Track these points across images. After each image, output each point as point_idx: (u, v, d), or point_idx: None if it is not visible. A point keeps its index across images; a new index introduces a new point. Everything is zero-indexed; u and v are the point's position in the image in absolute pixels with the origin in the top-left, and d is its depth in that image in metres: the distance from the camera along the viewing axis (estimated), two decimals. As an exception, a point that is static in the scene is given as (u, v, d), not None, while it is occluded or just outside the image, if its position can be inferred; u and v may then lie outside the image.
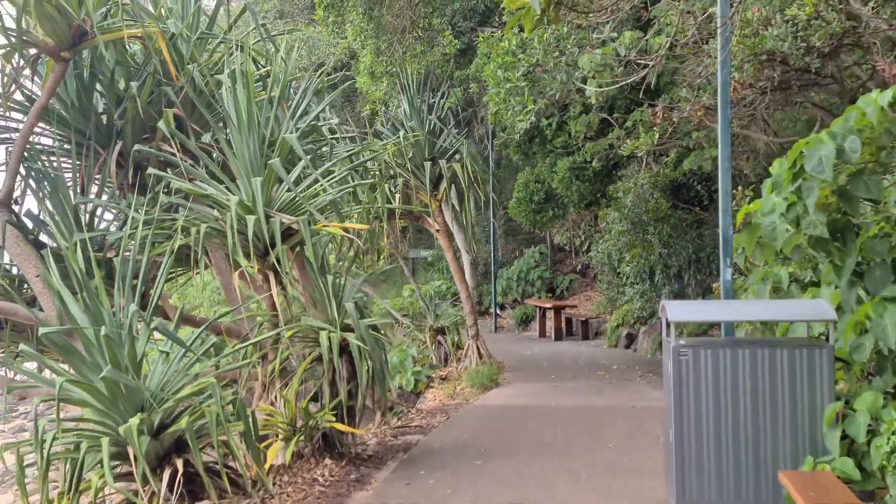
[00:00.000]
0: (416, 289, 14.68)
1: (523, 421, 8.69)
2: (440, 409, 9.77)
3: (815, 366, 4.93)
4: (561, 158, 11.64)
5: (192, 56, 7.69)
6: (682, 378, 5.03)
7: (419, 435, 8.17)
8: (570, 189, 11.74)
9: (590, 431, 8.05)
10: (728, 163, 5.80)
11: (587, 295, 20.80)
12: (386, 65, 13.27)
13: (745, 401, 4.95)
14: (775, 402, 4.94)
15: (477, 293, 21.96)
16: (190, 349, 5.54)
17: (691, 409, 5.00)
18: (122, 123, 7.42)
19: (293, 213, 6.69)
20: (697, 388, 5.00)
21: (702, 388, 4.99)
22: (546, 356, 14.32)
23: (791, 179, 4.92)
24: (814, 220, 4.79)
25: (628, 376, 11.81)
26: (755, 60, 7.09)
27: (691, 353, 5.00)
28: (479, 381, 11.09)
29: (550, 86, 8.54)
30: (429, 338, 13.12)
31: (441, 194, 12.29)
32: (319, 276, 6.61)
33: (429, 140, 12.20)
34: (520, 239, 23.17)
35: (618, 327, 15.78)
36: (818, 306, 5.06)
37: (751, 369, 4.95)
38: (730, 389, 4.96)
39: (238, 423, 5.43)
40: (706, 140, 9.22)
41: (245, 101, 6.61)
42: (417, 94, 12.44)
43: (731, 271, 5.81)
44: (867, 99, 4.90)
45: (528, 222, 13.16)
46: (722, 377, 4.98)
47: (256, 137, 6.67)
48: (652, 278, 14.73)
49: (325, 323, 6.62)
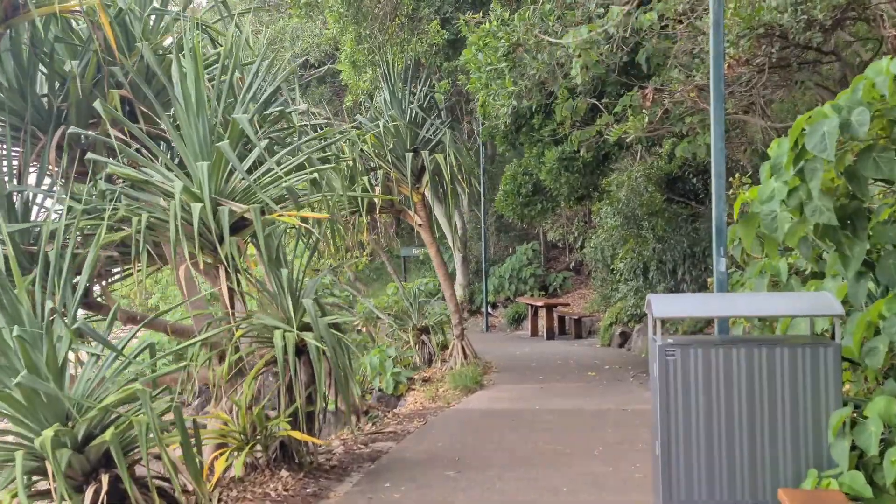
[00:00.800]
0: (400, 286, 14.09)
1: (505, 426, 8.12)
2: (418, 414, 9.19)
3: (820, 366, 4.35)
4: (549, 148, 11.06)
5: (145, 34, 7.12)
6: (670, 381, 4.46)
7: (391, 442, 7.59)
8: (558, 181, 11.15)
9: (575, 438, 7.48)
10: (722, 142, 5.23)
11: (581, 293, 20.23)
12: (368, 53, 12.68)
13: (740, 407, 4.38)
14: (774, 409, 4.37)
15: (469, 291, 21.39)
16: (119, 352, 4.95)
17: (679, 416, 4.42)
18: (65, 106, 6.84)
19: (248, 203, 6.12)
20: (687, 394, 4.43)
21: (692, 393, 4.42)
22: (535, 356, 13.75)
23: (792, 161, 4.35)
24: (819, 205, 4.21)
25: (620, 377, 11.24)
26: (752, 35, 6.51)
27: (679, 352, 4.42)
28: (463, 383, 10.52)
29: (531, 65, 7.96)
30: (412, 337, 12.55)
31: (423, 187, 11.71)
32: (274, 271, 6.03)
33: (411, 130, 11.62)
34: (512, 236, 22.59)
35: (611, 325, 15.21)
36: (822, 300, 4.48)
37: (747, 371, 4.38)
38: (723, 394, 4.39)
39: (174, 434, 4.85)
40: (700, 125, 8.64)
41: (193, 79, 6.03)
42: (399, 82, 11.86)
43: (724, 262, 5.23)
44: (877, 67, 4.32)
45: (515, 216, 12.58)
46: (714, 380, 4.41)
47: (206, 120, 6.10)
48: (646, 274, 14.16)
49: (280, 321, 6.04)
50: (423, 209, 11.86)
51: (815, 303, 4.50)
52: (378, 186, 11.51)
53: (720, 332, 5.33)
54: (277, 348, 5.65)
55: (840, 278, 5.07)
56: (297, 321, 6.08)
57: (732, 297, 5.02)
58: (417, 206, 11.80)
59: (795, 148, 4.21)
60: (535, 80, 8.29)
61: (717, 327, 5.35)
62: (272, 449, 6.09)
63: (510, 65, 8.31)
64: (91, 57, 6.65)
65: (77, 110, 6.81)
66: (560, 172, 11.06)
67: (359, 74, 13.22)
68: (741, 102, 8.54)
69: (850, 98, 4.28)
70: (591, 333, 16.94)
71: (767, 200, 4.36)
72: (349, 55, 13.08)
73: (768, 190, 4.37)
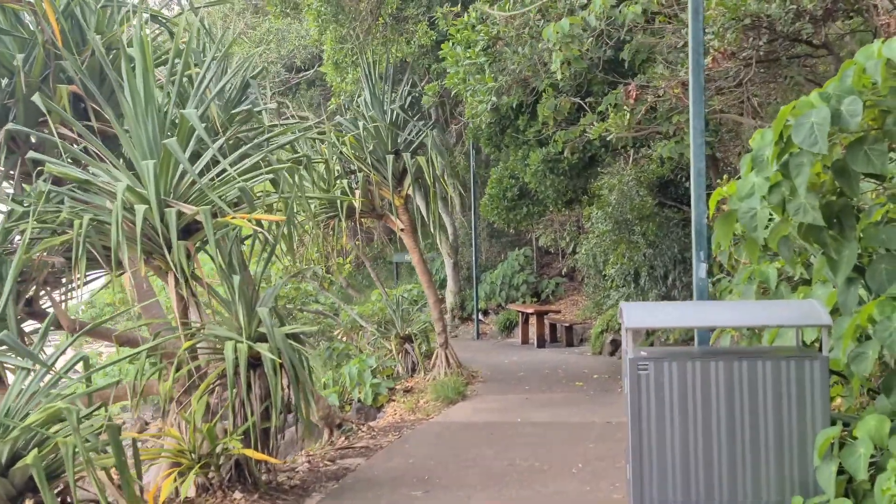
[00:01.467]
0: (383, 293, 13.69)
1: (483, 441, 7.72)
2: (395, 427, 8.79)
3: (806, 381, 3.97)
4: (534, 150, 10.67)
5: (99, 26, 6.76)
6: (643, 398, 4.07)
7: (361, 458, 7.19)
8: (543, 184, 10.76)
9: (555, 454, 7.08)
10: (701, 138, 4.85)
11: (574, 299, 19.83)
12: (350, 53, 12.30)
13: (719, 427, 3.99)
14: (756, 428, 3.98)
15: (460, 298, 20.99)
16: (48, 366, 4.57)
17: (653, 437, 4.03)
18: (12, 103, 6.47)
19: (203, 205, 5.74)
20: (661, 411, 4.04)
21: (666, 410, 4.03)
22: (524, 365, 13.35)
23: (776, 155, 3.96)
24: (804, 203, 3.83)
25: (608, 387, 10.85)
26: (737, 26, 6.14)
27: (653, 366, 4.04)
28: (444, 393, 10.12)
29: (512, 59, 7.58)
30: (395, 346, 12.14)
31: (405, 190, 11.33)
32: (227, 277, 5.64)
33: (392, 132, 11.24)
34: (504, 241, 22.20)
35: (602, 333, 14.82)
36: (809, 308, 4.10)
37: (726, 387, 3.99)
38: (700, 412, 4.00)
39: (107, 456, 4.47)
40: (688, 125, 8.25)
41: (141, 72, 5.66)
42: (381, 82, 11.49)
43: (704, 268, 4.85)
44: (868, 51, 3.95)
45: (500, 220, 12.19)
46: (691, 396, 4.02)
47: (156, 116, 5.72)
48: (637, 281, 13.78)
49: (234, 332, 5.65)
50: (405, 213, 11.48)
51: (800, 312, 4.11)
52: (358, 190, 11.11)
53: (700, 343, 4.94)
54: (228, 361, 5.26)
55: (829, 284, 4.70)
56: (252, 332, 5.69)
57: (712, 305, 4.63)
58: (399, 211, 11.42)
59: (780, 141, 3.82)
60: (515, 76, 7.91)
61: (696, 338, 4.96)
62: (226, 468, 5.69)
63: (490, 59, 7.95)
64: (38, 51, 6.28)
65: (25, 107, 6.44)
66: (545, 175, 10.68)
67: (341, 75, 12.85)
68: (731, 101, 8.17)
69: (839, 86, 3.90)
70: (582, 341, 16.54)
71: (747, 196, 3.97)
72: (330, 55, 12.70)
73: (748, 185, 3.98)
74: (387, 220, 11.81)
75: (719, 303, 4.91)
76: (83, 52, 6.59)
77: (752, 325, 4.46)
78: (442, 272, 21.81)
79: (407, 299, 14.20)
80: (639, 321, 4.08)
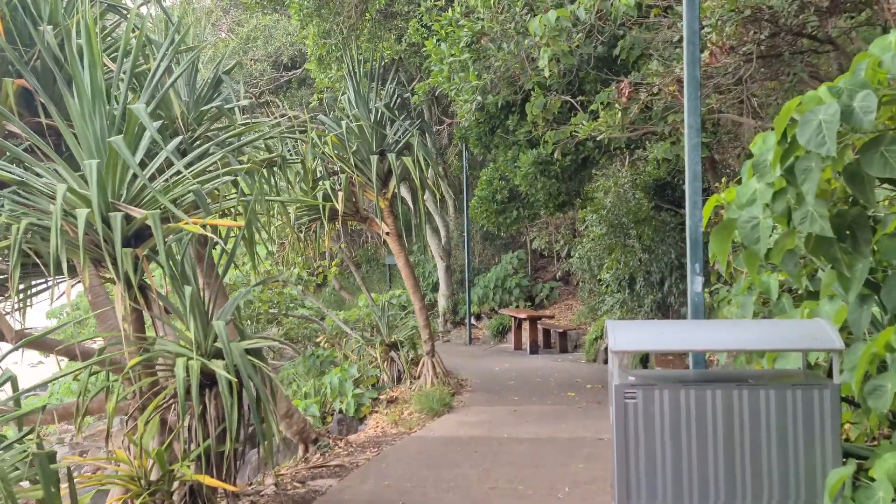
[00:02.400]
0: (369, 298, 13.23)
1: (465, 459, 7.26)
2: (374, 442, 8.33)
3: (814, 412, 3.52)
4: (524, 151, 10.22)
5: (53, 16, 6.29)
6: (630, 429, 3.62)
7: (333, 479, 6.73)
8: (534, 186, 10.31)
9: (542, 475, 6.62)
10: (697, 137, 4.40)
11: (568, 304, 19.40)
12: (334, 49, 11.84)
13: (716, 463, 3.54)
14: (758, 465, 3.53)
15: (452, 302, 20.54)
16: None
17: (642, 473, 3.58)
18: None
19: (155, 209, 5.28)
20: (651, 445, 3.59)
21: (657, 444, 3.57)
22: (515, 373, 12.89)
23: (780, 158, 3.51)
24: (812, 212, 3.36)
25: (602, 398, 10.38)
26: (737, 18, 5.69)
27: (641, 394, 3.58)
28: (429, 405, 9.66)
29: (496, 56, 7.13)
30: (380, 354, 11.68)
31: (390, 192, 10.87)
32: (178, 288, 5.17)
33: (376, 131, 10.78)
34: (498, 244, 21.76)
35: (596, 340, 14.37)
36: (817, 329, 3.64)
37: (724, 418, 3.54)
38: (695, 446, 3.55)
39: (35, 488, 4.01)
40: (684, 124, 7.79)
41: (89, 64, 5.20)
42: (366, 79, 11.03)
43: (701, 281, 4.39)
44: (883, 43, 3.49)
45: (490, 224, 11.73)
46: (685, 429, 3.56)
47: (104, 112, 5.26)
48: (632, 286, 13.33)
49: (185, 347, 5.18)
50: (390, 216, 11.02)
51: (807, 333, 3.65)
52: (341, 192, 10.65)
53: (695, 366, 4.48)
54: (178, 380, 4.80)
55: (839, 300, 4.25)
56: (208, 347, 5.23)
57: (708, 326, 4.17)
58: (385, 213, 10.96)
59: (784, 142, 3.37)
60: (501, 73, 7.46)
61: (691, 360, 4.50)
62: (179, 495, 5.23)
63: (473, 56, 7.49)
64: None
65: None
66: (536, 177, 10.22)
67: (325, 72, 12.39)
68: (730, 100, 7.72)
69: (851, 80, 3.44)
70: (576, 347, 16.10)
71: (747, 204, 3.51)
72: (313, 50, 12.24)
73: (748, 192, 3.52)
74: (371, 224, 11.35)
75: (716, 323, 4.44)
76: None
77: (753, 349, 4.02)
78: (434, 276, 21.36)
79: (395, 305, 13.72)
80: (626, 343, 3.63)
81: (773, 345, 3.70)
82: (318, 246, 11.28)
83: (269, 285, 13.49)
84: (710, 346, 3.82)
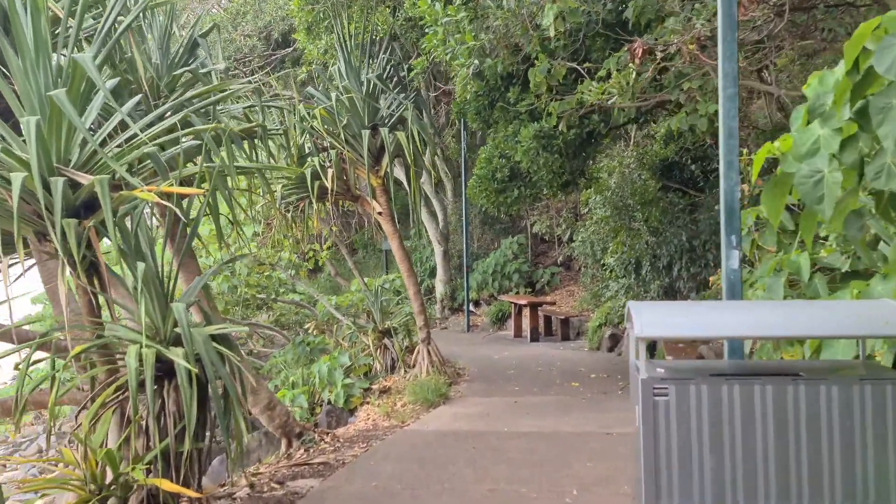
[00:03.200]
0: (362, 283, 12.58)
1: (461, 456, 6.64)
2: (364, 436, 7.71)
3: (888, 412, 2.88)
4: (526, 125, 9.54)
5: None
6: (661, 431, 2.97)
7: (316, 479, 6.09)
8: (536, 163, 9.63)
9: (546, 475, 6.00)
10: (734, 86, 3.73)
11: (570, 290, 18.76)
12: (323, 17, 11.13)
13: (766, 474, 2.90)
14: (818, 467, 2.89)
15: (450, 288, 19.90)
16: None
17: (675, 489, 2.94)
18: None
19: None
20: (685, 448, 2.94)
21: (693, 451, 2.93)
22: (515, 361, 12.26)
23: (848, 96, 2.84)
24: (890, 164, 2.71)
25: (607, 388, 9.77)
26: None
27: (674, 390, 2.94)
28: (424, 395, 9.04)
29: (495, 14, 6.45)
30: (372, 341, 11.04)
31: (383, 169, 10.20)
32: (131, 264, 4.52)
33: (368, 104, 10.10)
34: (498, 229, 21.08)
35: (600, 327, 13.74)
36: (889, 312, 2.99)
37: (776, 419, 2.90)
38: (741, 454, 2.91)
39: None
40: (701, 92, 7.13)
41: (31, 8, 4.53)
42: (357, 50, 10.34)
43: (738, 255, 3.74)
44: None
45: (489, 204, 11.06)
46: (728, 432, 2.92)
47: (49, 66, 4.59)
48: (638, 271, 12.69)
49: (148, 333, 4.53)
50: (383, 195, 10.35)
51: (876, 315, 3.00)
52: (331, 169, 9.98)
53: (732, 355, 3.83)
54: (129, 370, 4.15)
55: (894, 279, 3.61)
56: (167, 333, 4.59)
57: (750, 307, 3.51)
58: (377, 192, 10.29)
59: (854, 72, 2.70)
60: (500, 35, 6.78)
61: (726, 349, 3.84)
62: (137, 501, 4.59)
63: (470, 15, 6.82)
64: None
65: None
66: (538, 153, 9.54)
67: (313, 42, 11.68)
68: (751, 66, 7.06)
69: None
70: (579, 335, 15.49)
71: (808, 155, 2.85)
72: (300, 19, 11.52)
73: (809, 139, 2.86)
74: (363, 204, 10.68)
75: (757, 304, 3.77)
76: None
77: (810, 334, 3.37)
78: (431, 261, 20.72)
79: (388, 290, 13.07)
80: (654, 329, 2.98)
81: (836, 330, 3.05)
82: (306, 227, 10.63)
83: (258, 269, 12.84)
84: (758, 331, 3.17)
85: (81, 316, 4.84)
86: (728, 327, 3.08)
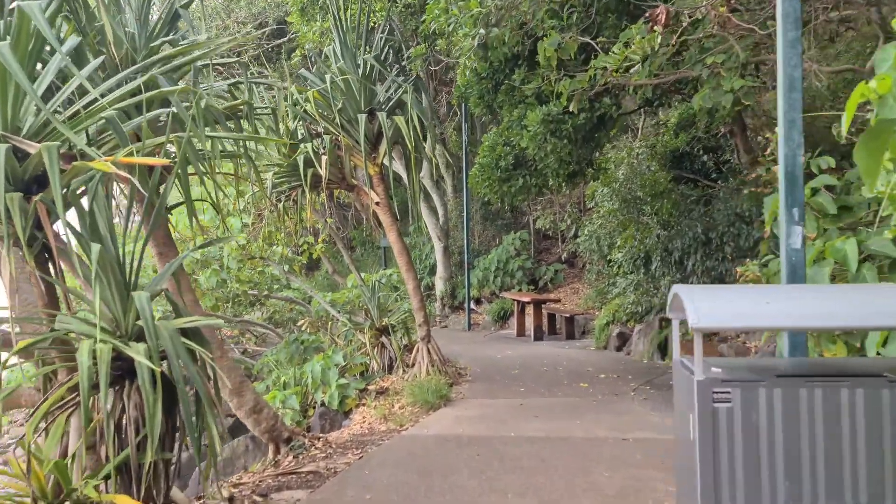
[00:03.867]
0: (359, 278, 11.98)
1: (464, 465, 6.04)
2: (359, 441, 7.11)
3: None
4: (533, 109, 8.95)
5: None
6: (723, 440, 2.38)
7: (304, 490, 5.49)
8: (543, 149, 9.04)
9: (559, 486, 5.40)
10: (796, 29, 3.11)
11: (574, 287, 18.17)
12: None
13: (855, 491, 2.30)
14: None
15: (451, 285, 19.30)
16: None
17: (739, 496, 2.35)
18: None
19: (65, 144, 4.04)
20: (752, 459, 2.35)
21: (764, 469, 2.34)
22: (519, 361, 11.66)
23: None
24: None
25: (618, 389, 9.17)
26: None
27: (739, 394, 2.35)
28: (423, 397, 8.44)
29: (503, -23, 5.88)
30: (369, 340, 10.45)
31: (381, 157, 9.60)
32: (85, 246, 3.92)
33: (365, 87, 9.49)
34: (499, 224, 20.48)
35: (607, 325, 13.15)
36: None
37: (868, 430, 2.30)
38: (823, 471, 2.31)
39: None
40: (725, 68, 6.53)
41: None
42: (353, 33, 9.74)
43: (801, 232, 3.14)
44: None
45: (492, 194, 10.44)
46: (808, 446, 2.33)
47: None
48: (648, 266, 12.10)
49: (105, 325, 3.93)
50: (380, 184, 9.75)
51: None
52: (325, 155, 9.38)
53: (794, 351, 3.22)
54: (82, 369, 3.55)
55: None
56: (129, 326, 3.99)
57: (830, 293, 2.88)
58: (374, 181, 9.70)
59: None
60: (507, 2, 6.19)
61: (786, 344, 3.23)
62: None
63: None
64: None
65: None
66: (545, 139, 8.94)
67: (308, 24, 11.09)
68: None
69: None
70: (584, 333, 14.90)
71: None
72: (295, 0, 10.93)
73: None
74: (359, 193, 10.08)
75: (823, 289, 3.16)
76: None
77: None
78: (431, 257, 20.12)
79: (385, 285, 12.47)
80: (715, 318, 2.39)
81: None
82: (299, 218, 10.03)
83: (249, 263, 12.23)
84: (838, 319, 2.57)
85: (35, 307, 4.26)
86: (816, 316, 2.47)
